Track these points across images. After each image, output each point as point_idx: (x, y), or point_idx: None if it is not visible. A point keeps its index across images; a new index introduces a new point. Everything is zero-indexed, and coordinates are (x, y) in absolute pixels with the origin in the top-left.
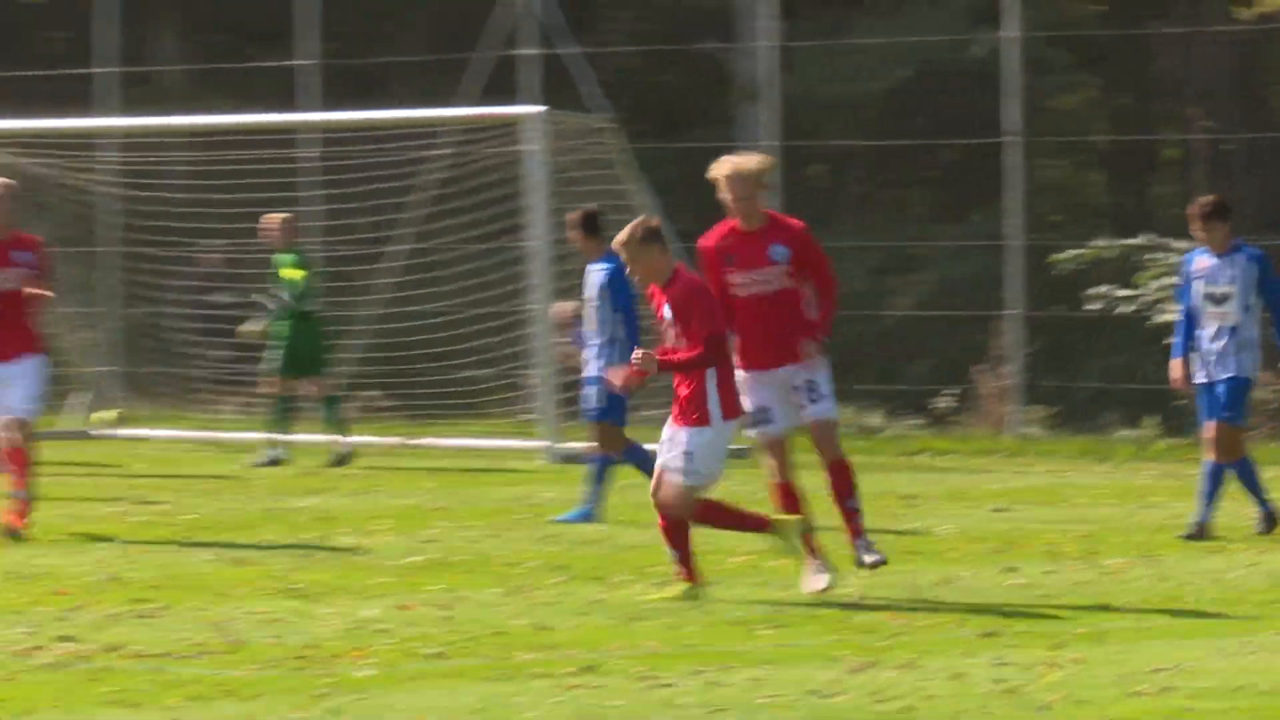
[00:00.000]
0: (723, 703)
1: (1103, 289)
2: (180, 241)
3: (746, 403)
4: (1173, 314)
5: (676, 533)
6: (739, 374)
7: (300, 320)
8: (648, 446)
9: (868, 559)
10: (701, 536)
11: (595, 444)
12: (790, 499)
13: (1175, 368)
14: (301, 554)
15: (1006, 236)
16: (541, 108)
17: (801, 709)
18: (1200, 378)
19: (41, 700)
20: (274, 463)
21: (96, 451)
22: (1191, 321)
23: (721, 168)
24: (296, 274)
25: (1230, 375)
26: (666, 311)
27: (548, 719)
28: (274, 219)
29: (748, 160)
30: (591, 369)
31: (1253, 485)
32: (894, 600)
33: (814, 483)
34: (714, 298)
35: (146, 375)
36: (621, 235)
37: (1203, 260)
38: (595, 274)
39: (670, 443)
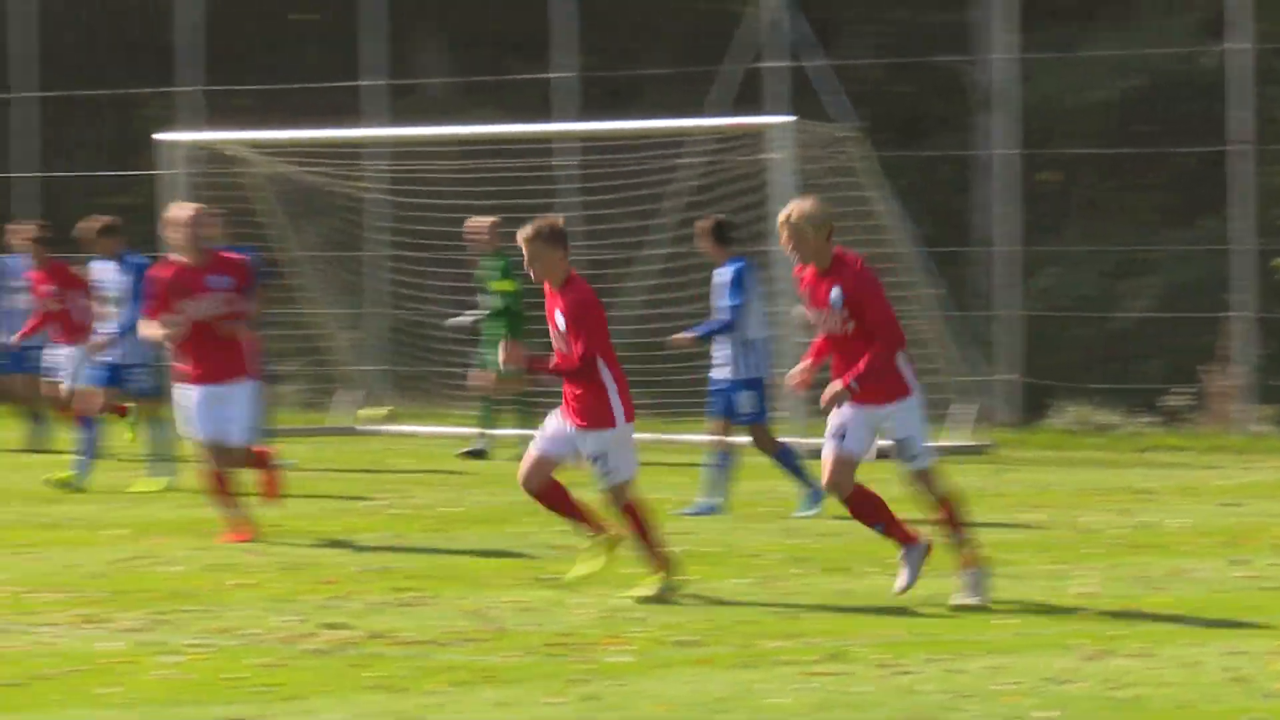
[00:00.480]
0: (962, 689)
1: None
2: (444, 245)
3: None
4: None
5: (560, 505)
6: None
7: (510, 320)
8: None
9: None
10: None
11: (760, 446)
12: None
13: None
14: (565, 546)
15: (1234, 241)
16: (790, 117)
17: (1038, 696)
18: None
19: (311, 685)
20: (478, 454)
21: (362, 448)
22: None
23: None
24: (507, 285)
25: None
26: (558, 315)
27: (793, 705)
28: (480, 223)
29: (796, 207)
30: (728, 372)
31: None
32: (1127, 591)
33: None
34: (601, 314)
35: (412, 373)
36: (526, 230)
37: None
38: (722, 277)
39: (563, 440)
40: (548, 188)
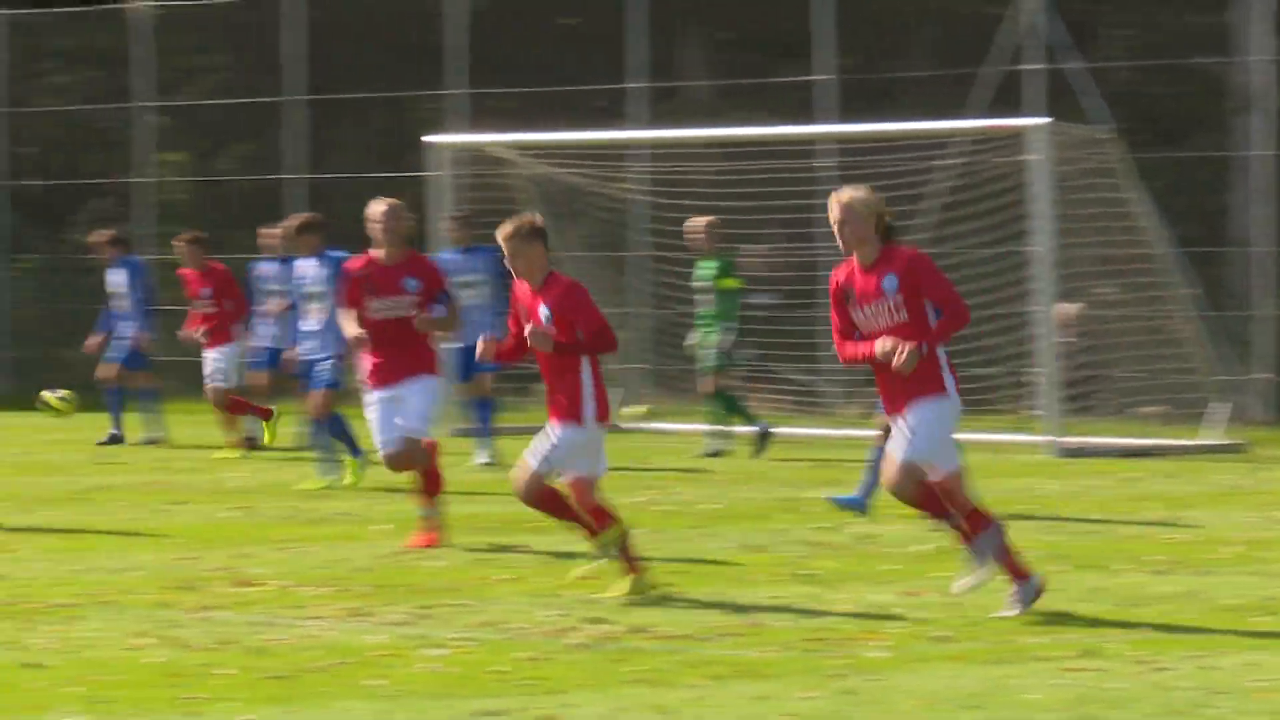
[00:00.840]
0: (1216, 686)
1: None
2: None
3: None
4: None
5: (556, 510)
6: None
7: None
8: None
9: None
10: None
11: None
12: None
13: None
14: (815, 542)
15: None
16: (1047, 119)
17: None
18: None
19: (572, 678)
20: (716, 454)
21: (624, 445)
22: None
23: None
24: (732, 283)
25: None
26: (542, 311)
27: (1047, 701)
28: (698, 223)
29: (844, 193)
30: None
31: None
32: None
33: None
34: (590, 297)
35: (674, 372)
36: (506, 227)
37: None
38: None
39: (543, 436)
40: (807, 189)
